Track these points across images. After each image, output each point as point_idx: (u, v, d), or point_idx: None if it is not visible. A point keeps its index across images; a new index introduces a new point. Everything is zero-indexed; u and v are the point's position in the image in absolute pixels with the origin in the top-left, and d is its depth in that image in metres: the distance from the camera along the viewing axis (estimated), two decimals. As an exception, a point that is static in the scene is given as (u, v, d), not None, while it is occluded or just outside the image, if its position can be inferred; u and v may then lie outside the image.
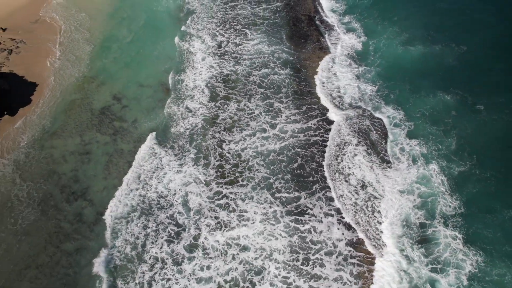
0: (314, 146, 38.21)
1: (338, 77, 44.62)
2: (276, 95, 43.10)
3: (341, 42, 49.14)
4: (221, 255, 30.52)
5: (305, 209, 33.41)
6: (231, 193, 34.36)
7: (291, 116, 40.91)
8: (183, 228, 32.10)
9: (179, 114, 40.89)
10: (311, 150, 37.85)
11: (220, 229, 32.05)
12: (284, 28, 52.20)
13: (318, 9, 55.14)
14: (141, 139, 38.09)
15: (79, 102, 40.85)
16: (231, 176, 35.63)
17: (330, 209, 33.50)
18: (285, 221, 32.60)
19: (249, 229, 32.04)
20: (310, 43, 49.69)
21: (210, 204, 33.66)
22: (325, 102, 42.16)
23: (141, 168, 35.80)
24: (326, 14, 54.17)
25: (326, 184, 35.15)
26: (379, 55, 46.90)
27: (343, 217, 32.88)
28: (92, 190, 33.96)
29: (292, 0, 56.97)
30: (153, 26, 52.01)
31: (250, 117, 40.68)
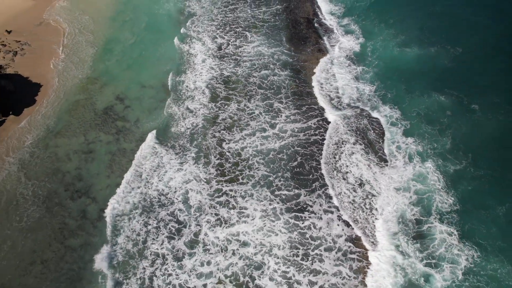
0: (314, 145, 38.75)
1: (337, 78, 45.32)
2: (276, 96, 43.78)
3: (340, 44, 49.92)
4: (221, 251, 31.07)
5: (305, 206, 33.93)
6: (231, 191, 34.95)
7: (291, 116, 41.52)
8: (184, 225, 32.68)
9: (180, 114, 41.56)
10: (311, 149, 38.42)
11: (220, 226, 32.62)
12: (284, 31, 52.89)
13: (317, 12, 56.02)
14: (143, 139, 38.78)
15: (83, 103, 41.63)
16: (231, 174, 36.20)
17: (330, 206, 34.00)
18: (285, 218, 33.14)
19: (249, 226, 32.58)
20: (310, 45, 50.48)
21: (211, 202, 34.23)
22: (323, 102, 42.81)
23: (142, 167, 36.45)
24: (325, 17, 54.99)
25: (326, 182, 35.74)
26: (377, 57, 47.61)
27: (346, 212, 33.44)
28: (96, 188, 34.65)
29: (292, 3, 57.85)
30: (155, 29, 52.85)
31: (250, 117, 41.36)
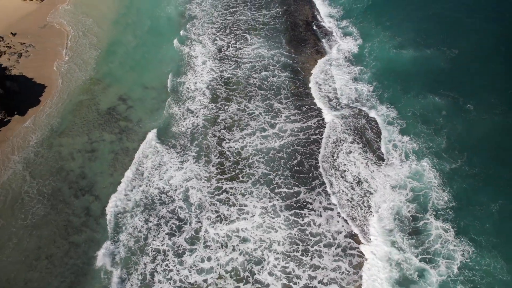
0: (314, 144, 39.36)
1: (335, 78, 46.18)
2: (276, 97, 44.53)
3: (338, 46, 50.91)
4: (222, 247, 31.69)
5: (305, 204, 34.48)
6: (231, 189, 35.61)
7: (291, 116, 42.23)
8: (185, 222, 33.30)
9: (181, 115, 42.32)
10: (311, 148, 39.07)
11: (221, 222, 33.27)
12: (284, 33, 53.80)
13: (316, 15, 57.11)
14: (146, 138, 39.55)
15: (86, 103, 42.45)
16: (232, 173, 36.85)
17: (330, 204, 34.57)
18: (285, 215, 33.71)
19: (249, 222, 33.22)
20: (309, 47, 51.38)
21: (211, 199, 34.88)
22: (320, 102, 43.60)
23: (144, 166, 37.13)
24: (324, 19, 56.12)
25: (327, 179, 36.25)
26: (374, 58, 48.47)
27: (343, 210, 34.01)
28: (99, 186, 35.38)
29: (292, 6, 58.88)
30: (157, 32, 53.87)
31: (250, 117, 42.11)
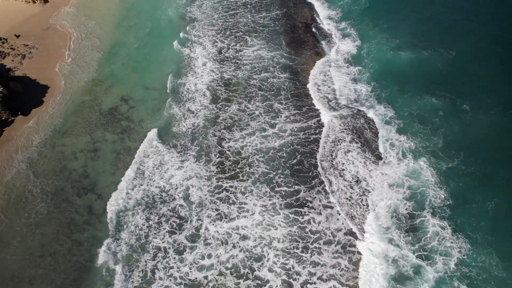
0: (314, 144, 39.87)
1: (333, 79, 46.86)
2: (276, 97, 45.09)
3: (336, 47, 51.67)
4: (222, 244, 32.15)
5: (305, 202, 34.95)
6: (232, 187, 36.10)
7: (291, 116, 42.77)
8: (185, 220, 33.72)
9: (181, 115, 42.88)
10: (311, 147, 39.59)
11: (221, 220, 33.74)
12: (284, 35, 54.48)
13: (315, 17, 57.95)
14: (146, 136, 40.25)
15: (89, 104, 43.07)
16: (232, 172, 37.36)
17: (329, 202, 35.07)
18: (285, 213, 34.15)
19: (249, 220, 33.70)
20: (308, 49, 52.07)
21: (211, 197, 35.36)
22: (318, 102, 44.23)
23: (145, 165, 37.62)
24: (323, 21, 57.02)
25: (326, 178, 36.77)
26: (372, 60, 49.21)
27: (342, 209, 34.49)
28: (101, 185, 35.89)
29: (291, 9, 59.65)
30: (158, 34, 54.57)
31: (251, 117, 42.65)
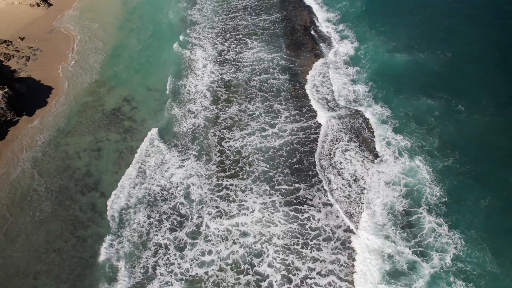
0: (314, 143, 40.49)
1: (332, 80, 47.75)
2: (276, 98, 45.83)
3: (335, 49, 52.58)
4: (222, 241, 32.85)
5: (304, 200, 35.60)
6: (232, 185, 36.79)
7: (291, 117, 43.46)
8: (186, 218, 34.42)
9: (182, 115, 43.64)
10: (311, 146, 40.23)
11: (221, 217, 34.43)
12: (283, 38, 55.27)
13: (314, 20, 58.94)
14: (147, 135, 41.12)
15: (92, 104, 43.93)
16: (232, 171, 38.10)
17: (329, 200, 35.72)
18: (285, 210, 34.77)
19: (248, 217, 34.37)
20: (308, 50, 52.96)
21: (211, 195, 36.07)
22: (318, 103, 44.99)
23: (146, 164, 38.37)
24: (321, 24, 57.89)
25: (325, 177, 37.47)
26: (370, 61, 49.95)
27: (341, 206, 35.16)
28: (104, 183, 36.70)
29: (291, 12, 60.58)
30: (159, 36, 55.41)
31: (251, 118, 43.40)
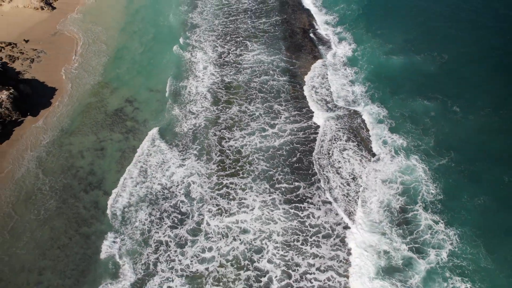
0: (313, 143, 41.19)
1: (330, 82, 48.59)
2: (276, 99, 46.60)
3: (333, 51, 53.56)
4: (223, 238, 33.52)
5: (304, 198, 36.26)
6: (232, 184, 37.48)
7: (290, 117, 44.21)
8: (187, 216, 35.09)
9: (183, 116, 44.38)
10: (310, 146, 40.91)
11: (221, 215, 35.10)
12: (283, 40, 56.19)
13: (313, 23, 60.01)
14: (148, 135, 41.95)
15: (95, 105, 44.78)
16: (232, 170, 38.79)
17: (328, 198, 36.40)
18: (285, 208, 35.40)
19: (248, 215, 35.05)
20: (307, 52, 53.85)
21: (212, 194, 36.72)
22: (317, 104, 45.76)
23: (147, 163, 39.05)
24: (320, 27, 59.01)
25: (324, 175, 38.17)
26: (367, 63, 50.85)
27: (339, 204, 35.82)
28: (107, 182, 37.44)
29: (290, 15, 61.62)
30: (161, 39, 56.30)
31: (251, 118, 44.18)
